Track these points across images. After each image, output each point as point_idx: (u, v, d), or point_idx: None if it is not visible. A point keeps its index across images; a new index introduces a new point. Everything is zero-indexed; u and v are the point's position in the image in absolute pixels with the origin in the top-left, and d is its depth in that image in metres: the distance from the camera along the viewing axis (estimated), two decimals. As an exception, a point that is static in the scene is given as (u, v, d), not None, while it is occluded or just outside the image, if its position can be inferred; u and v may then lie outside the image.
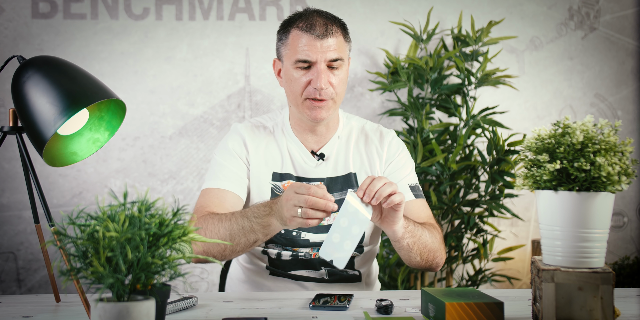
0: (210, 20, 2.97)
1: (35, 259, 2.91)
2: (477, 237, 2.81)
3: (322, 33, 1.54)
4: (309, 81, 1.56)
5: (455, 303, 1.08)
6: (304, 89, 1.56)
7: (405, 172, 1.69)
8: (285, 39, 1.59)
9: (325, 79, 1.54)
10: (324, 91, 1.55)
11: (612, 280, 1.06)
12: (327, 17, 1.58)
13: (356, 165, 1.68)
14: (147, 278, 0.94)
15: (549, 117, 3.10)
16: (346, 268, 1.67)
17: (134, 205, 0.95)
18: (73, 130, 1.32)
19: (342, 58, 1.57)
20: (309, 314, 1.23)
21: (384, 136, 1.72)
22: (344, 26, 1.61)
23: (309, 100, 1.57)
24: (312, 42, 1.54)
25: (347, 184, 1.65)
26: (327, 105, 1.58)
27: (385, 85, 2.86)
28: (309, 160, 1.66)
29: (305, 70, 1.56)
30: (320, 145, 1.68)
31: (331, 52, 1.54)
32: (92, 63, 2.92)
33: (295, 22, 1.57)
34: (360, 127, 1.73)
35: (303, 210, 1.27)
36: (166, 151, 2.96)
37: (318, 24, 1.55)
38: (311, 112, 1.58)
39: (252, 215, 1.41)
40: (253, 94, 3.00)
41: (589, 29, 3.12)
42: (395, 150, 1.71)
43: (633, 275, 2.74)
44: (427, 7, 3.02)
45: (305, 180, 1.64)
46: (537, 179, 1.09)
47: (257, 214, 1.40)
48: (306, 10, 1.61)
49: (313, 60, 1.54)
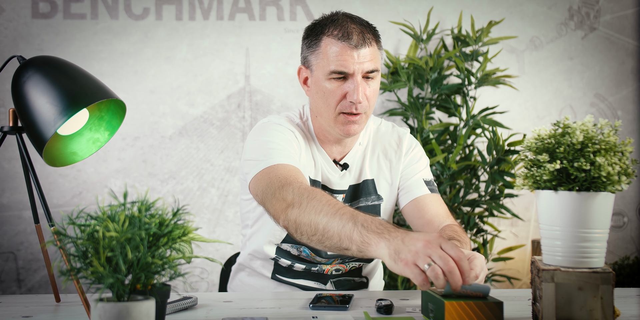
0: (210, 20, 2.97)
1: (35, 259, 2.91)
2: (477, 237, 2.81)
3: (359, 43, 1.43)
4: (345, 94, 1.46)
5: (455, 303, 1.08)
6: (339, 102, 1.47)
7: (420, 166, 1.65)
8: (315, 47, 1.48)
9: (363, 91, 1.45)
10: (361, 105, 1.46)
11: (612, 280, 1.06)
12: (362, 24, 1.48)
13: (374, 171, 1.63)
14: (147, 278, 0.94)
15: (549, 117, 3.10)
16: (354, 276, 1.67)
17: (134, 205, 0.95)
18: (73, 130, 1.32)
19: (378, 69, 1.48)
20: (309, 314, 1.23)
21: (401, 137, 1.67)
22: (377, 33, 1.51)
23: (344, 115, 1.48)
24: (349, 52, 1.43)
25: (367, 190, 1.61)
26: (361, 119, 1.49)
27: (385, 85, 2.86)
28: (333, 171, 1.59)
29: (340, 82, 1.46)
30: (343, 154, 1.61)
31: (368, 63, 1.45)
32: (92, 63, 2.92)
33: (328, 29, 1.46)
34: (375, 130, 1.67)
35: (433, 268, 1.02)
36: (166, 151, 2.96)
37: (354, 32, 1.44)
38: (344, 127, 1.49)
39: (361, 222, 1.14)
40: (253, 94, 3.00)
41: (589, 29, 3.12)
42: (410, 146, 1.67)
43: (633, 275, 2.74)
44: (427, 7, 3.02)
45: (329, 191, 1.58)
46: (537, 179, 1.09)
47: (368, 225, 1.14)
48: (337, 15, 1.49)
49: (350, 71, 1.44)
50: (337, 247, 1.18)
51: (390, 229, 1.13)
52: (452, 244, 1.06)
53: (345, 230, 1.15)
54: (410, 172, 1.64)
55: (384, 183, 1.63)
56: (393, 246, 1.08)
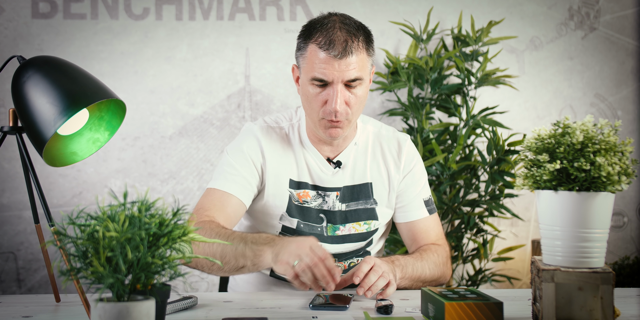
0: (210, 20, 2.97)
1: (35, 259, 2.91)
2: (477, 237, 2.81)
3: (340, 52, 1.42)
4: (325, 101, 1.47)
5: (454, 303, 1.08)
6: (321, 107, 1.48)
7: (419, 185, 1.66)
8: (303, 50, 1.49)
9: (341, 99, 1.45)
10: (339, 113, 1.46)
11: (612, 280, 1.06)
12: (349, 31, 1.45)
13: (373, 175, 1.63)
14: (147, 278, 0.94)
15: (549, 117, 3.10)
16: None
17: (134, 205, 0.95)
18: (73, 130, 1.32)
19: (361, 77, 1.46)
20: (309, 314, 1.23)
21: (401, 145, 1.66)
22: (368, 37, 1.50)
23: (325, 120, 1.50)
24: (330, 62, 1.43)
25: (365, 193, 1.62)
26: (343, 125, 1.50)
27: (385, 85, 2.86)
28: (325, 169, 1.60)
29: (321, 88, 1.47)
30: (337, 153, 1.62)
31: (350, 72, 1.44)
32: (92, 63, 2.92)
33: (315, 35, 1.46)
34: (376, 133, 1.67)
35: (300, 265, 1.26)
36: (166, 151, 2.96)
37: (337, 41, 1.43)
38: (327, 130, 1.51)
39: (250, 240, 1.36)
40: (253, 94, 3.00)
41: (589, 29, 3.12)
42: (411, 161, 1.66)
43: (633, 275, 2.74)
44: (427, 7, 3.02)
45: (321, 189, 1.59)
46: (537, 179, 1.09)
47: (256, 240, 1.35)
48: (329, 19, 1.49)
49: (329, 80, 1.45)
50: (235, 268, 1.37)
51: (276, 239, 1.34)
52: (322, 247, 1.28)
53: (239, 250, 1.35)
54: (410, 190, 1.65)
55: (381, 188, 1.63)
56: (275, 251, 1.30)
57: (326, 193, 1.60)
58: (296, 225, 1.59)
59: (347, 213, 1.61)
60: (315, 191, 1.60)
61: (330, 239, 1.60)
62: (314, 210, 1.59)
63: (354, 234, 1.61)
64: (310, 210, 1.59)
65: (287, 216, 1.59)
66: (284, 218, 1.59)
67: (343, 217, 1.60)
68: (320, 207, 1.60)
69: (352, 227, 1.61)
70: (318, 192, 1.60)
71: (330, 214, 1.60)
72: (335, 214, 1.60)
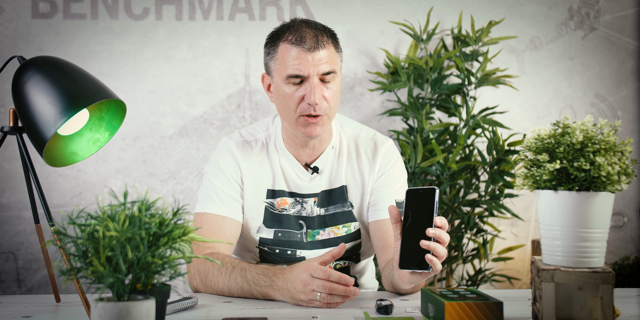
0: (210, 20, 2.97)
1: (35, 259, 2.91)
2: (477, 237, 2.81)
3: (312, 45, 1.46)
4: (302, 97, 1.48)
5: (454, 303, 1.08)
6: (298, 105, 1.49)
7: (395, 186, 1.63)
8: (273, 53, 1.51)
9: (319, 93, 1.47)
10: (319, 106, 1.48)
11: (612, 280, 1.06)
12: (317, 28, 1.51)
13: (348, 177, 1.62)
14: (147, 278, 0.94)
15: (549, 117, 3.10)
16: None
17: (134, 205, 0.96)
18: (73, 131, 1.32)
19: (335, 70, 1.50)
20: (309, 314, 1.23)
21: (377, 147, 1.64)
22: (335, 36, 1.54)
23: (304, 117, 1.50)
24: (303, 56, 1.46)
25: (341, 196, 1.61)
26: (322, 121, 1.51)
27: (385, 85, 2.86)
28: (302, 175, 1.60)
29: (298, 86, 1.49)
30: (314, 157, 1.61)
31: (323, 65, 1.47)
32: (92, 63, 2.92)
33: (284, 35, 1.50)
34: (354, 136, 1.66)
35: (322, 297, 1.26)
36: (166, 151, 2.96)
37: (308, 35, 1.47)
38: (305, 129, 1.51)
39: (251, 281, 1.37)
40: (253, 94, 3.00)
41: (589, 29, 3.12)
42: (388, 162, 1.64)
43: (633, 275, 2.74)
44: (427, 7, 3.02)
45: (298, 196, 1.60)
46: (537, 179, 1.09)
47: (257, 282, 1.36)
48: (293, 22, 1.53)
49: (305, 74, 1.47)
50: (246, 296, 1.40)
51: (273, 278, 1.35)
52: (315, 266, 1.28)
53: (245, 289, 1.39)
54: (384, 190, 1.62)
55: (355, 191, 1.62)
56: (287, 295, 1.32)
57: (304, 199, 1.61)
58: (273, 235, 1.60)
59: (326, 217, 1.61)
60: (292, 198, 1.60)
61: (310, 244, 1.60)
62: (293, 217, 1.60)
63: (334, 238, 1.61)
64: (289, 217, 1.60)
65: (264, 227, 1.60)
66: (260, 230, 1.60)
67: (322, 222, 1.61)
68: (299, 214, 1.60)
69: (331, 231, 1.61)
70: (296, 199, 1.60)
71: (309, 219, 1.60)
72: (314, 219, 1.61)
